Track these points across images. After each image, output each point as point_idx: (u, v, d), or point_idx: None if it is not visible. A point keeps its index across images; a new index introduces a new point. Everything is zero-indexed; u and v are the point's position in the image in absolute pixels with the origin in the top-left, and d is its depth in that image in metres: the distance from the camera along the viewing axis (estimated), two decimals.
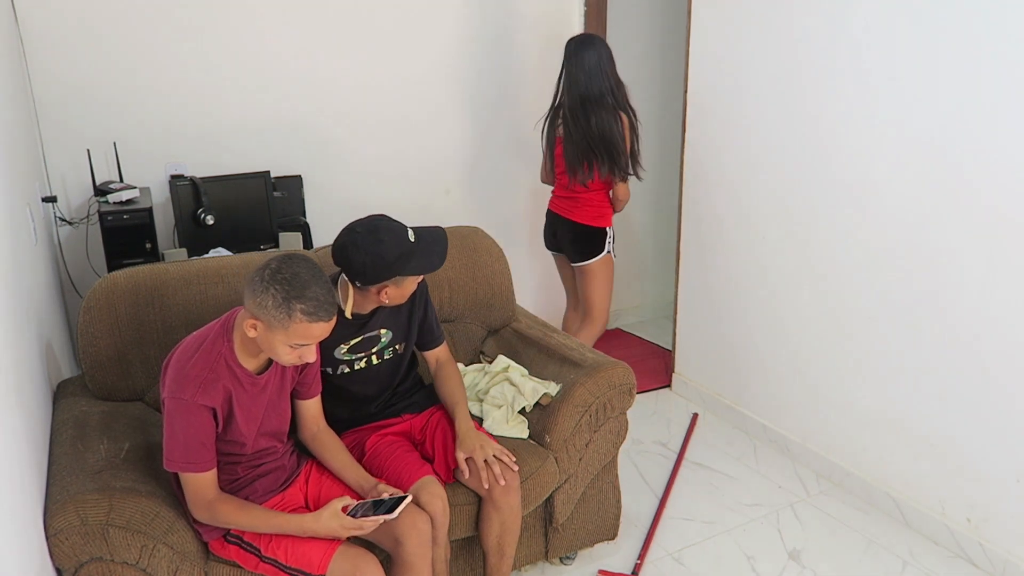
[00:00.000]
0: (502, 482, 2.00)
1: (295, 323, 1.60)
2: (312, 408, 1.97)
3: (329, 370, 2.08)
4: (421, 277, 2.06)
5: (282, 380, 1.84)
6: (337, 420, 2.14)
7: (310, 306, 1.60)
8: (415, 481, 1.96)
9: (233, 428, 1.74)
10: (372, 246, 1.90)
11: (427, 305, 2.19)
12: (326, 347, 2.03)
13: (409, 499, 1.78)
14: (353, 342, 2.06)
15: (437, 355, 2.26)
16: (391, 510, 1.74)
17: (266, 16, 3.06)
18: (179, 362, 1.68)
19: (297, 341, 1.64)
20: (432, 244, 2.00)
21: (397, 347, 2.15)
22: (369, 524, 1.73)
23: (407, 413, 2.22)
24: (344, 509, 1.73)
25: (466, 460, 2.03)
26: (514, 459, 2.06)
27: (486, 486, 2.01)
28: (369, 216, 2.01)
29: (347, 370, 2.10)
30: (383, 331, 2.11)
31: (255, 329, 1.64)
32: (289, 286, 1.59)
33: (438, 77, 3.47)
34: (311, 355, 1.69)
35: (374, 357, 2.12)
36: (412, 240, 1.95)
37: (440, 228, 2.06)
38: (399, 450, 2.07)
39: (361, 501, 1.80)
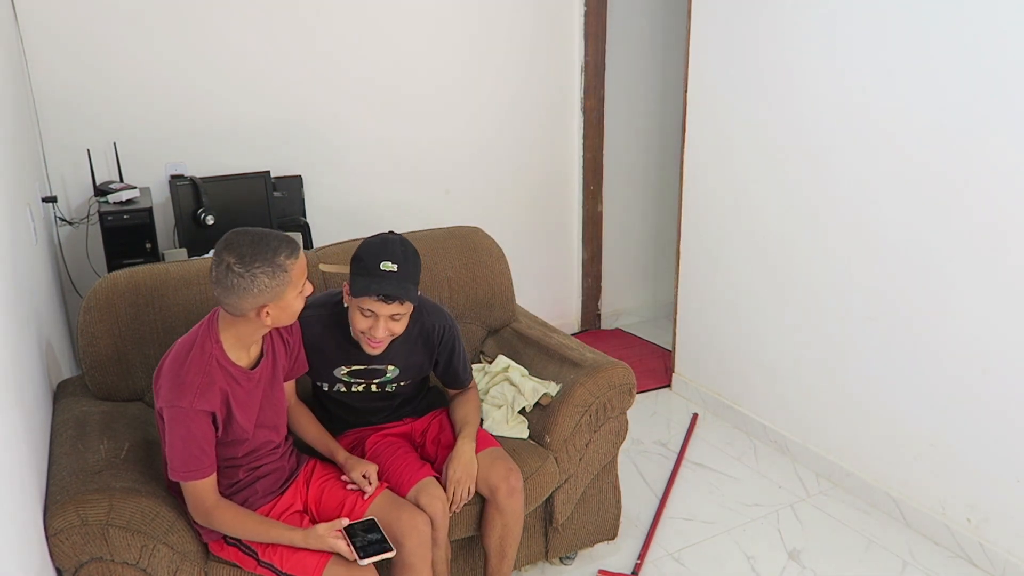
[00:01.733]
0: (455, 509, 1.99)
1: (291, 270, 1.65)
2: (287, 387, 2.00)
3: (324, 386, 2.07)
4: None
5: (274, 369, 1.84)
6: (339, 420, 2.14)
7: (286, 247, 1.65)
8: (416, 483, 1.96)
9: (234, 427, 1.74)
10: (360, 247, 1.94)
11: (452, 353, 2.13)
12: (326, 364, 2.02)
13: (392, 554, 1.76)
14: (356, 367, 2.04)
15: (460, 391, 2.24)
16: (380, 551, 1.74)
17: (266, 16, 3.06)
18: (172, 370, 1.67)
19: (300, 282, 1.70)
20: (382, 278, 1.86)
21: (402, 383, 2.12)
22: (350, 553, 1.72)
23: (408, 417, 2.21)
24: (333, 534, 1.73)
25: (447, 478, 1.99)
26: (465, 502, 2.01)
27: (453, 510, 1.98)
28: (390, 232, 2.01)
29: (342, 389, 2.08)
30: (390, 367, 2.07)
31: (270, 316, 1.67)
32: (262, 255, 1.61)
33: (439, 78, 3.48)
34: (309, 287, 1.76)
35: (373, 386, 2.09)
36: (382, 268, 1.86)
37: (403, 277, 1.88)
38: (399, 451, 2.07)
39: (356, 521, 1.81)
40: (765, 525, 2.63)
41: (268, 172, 2.95)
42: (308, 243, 3.07)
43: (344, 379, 2.06)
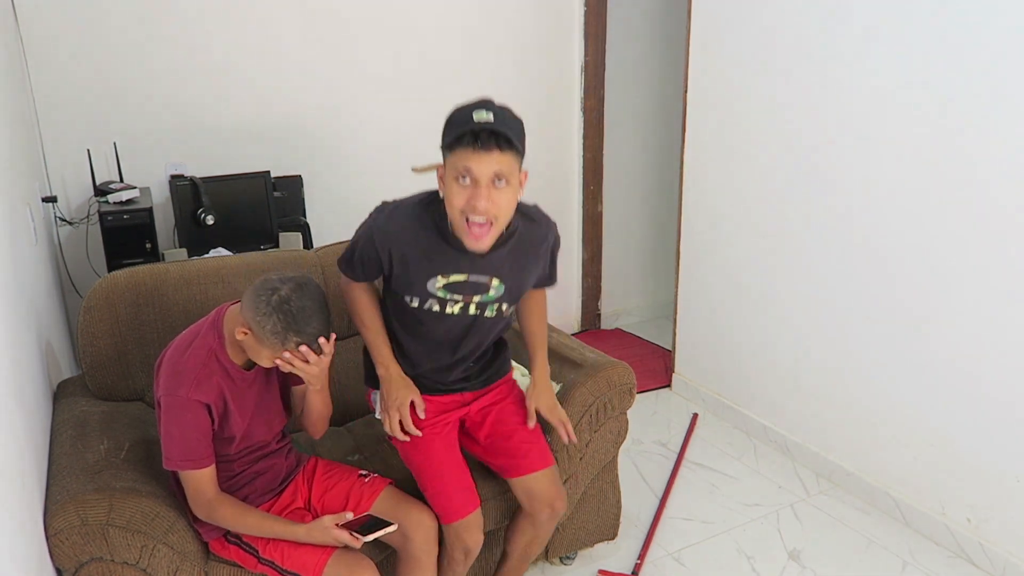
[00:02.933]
0: (573, 439, 2.01)
1: (287, 351, 1.65)
2: (300, 391, 1.97)
3: (415, 302, 1.79)
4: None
5: (268, 373, 1.84)
6: (399, 351, 1.91)
7: (305, 339, 1.64)
8: (466, 515, 1.88)
9: (230, 423, 1.74)
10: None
11: (552, 261, 2.00)
12: (419, 272, 1.76)
13: (393, 527, 1.78)
14: (454, 278, 1.74)
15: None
16: (380, 527, 1.76)
17: (266, 16, 3.06)
18: (172, 360, 1.69)
19: (278, 354, 1.67)
20: (477, 124, 1.60)
21: (503, 307, 1.84)
22: (355, 541, 1.72)
23: (466, 391, 1.99)
24: (338, 525, 1.74)
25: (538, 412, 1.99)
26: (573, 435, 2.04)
27: (565, 440, 2.00)
28: None
29: (435, 308, 1.78)
30: (495, 281, 1.77)
31: (245, 336, 1.66)
32: (293, 320, 1.60)
33: (438, 77, 3.47)
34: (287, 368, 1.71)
35: (472, 306, 1.80)
36: (475, 118, 1.62)
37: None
38: (448, 469, 1.90)
39: (356, 517, 1.81)
40: (765, 525, 2.63)
41: (268, 172, 2.95)
42: (308, 243, 3.07)
43: (439, 295, 1.76)
